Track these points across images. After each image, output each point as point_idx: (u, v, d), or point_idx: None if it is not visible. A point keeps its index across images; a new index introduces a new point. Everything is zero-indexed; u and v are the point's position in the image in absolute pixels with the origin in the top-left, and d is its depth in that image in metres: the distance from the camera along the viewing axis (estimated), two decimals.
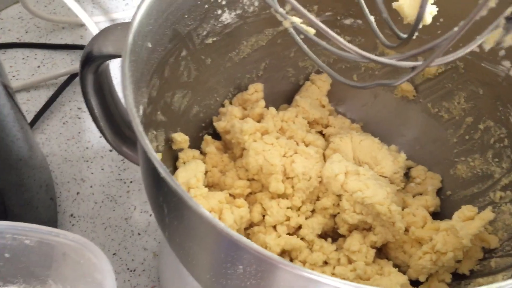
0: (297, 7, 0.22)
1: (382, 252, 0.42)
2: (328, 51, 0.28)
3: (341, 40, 0.23)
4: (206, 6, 0.41)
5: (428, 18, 0.26)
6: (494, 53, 0.41)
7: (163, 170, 0.26)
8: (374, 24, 0.29)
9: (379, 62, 0.25)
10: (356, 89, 0.49)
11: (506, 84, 0.41)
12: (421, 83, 0.47)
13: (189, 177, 0.39)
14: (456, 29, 0.23)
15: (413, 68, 0.25)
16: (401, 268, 0.41)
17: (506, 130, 0.41)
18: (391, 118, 0.49)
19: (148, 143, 0.27)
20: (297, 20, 0.27)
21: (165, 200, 0.29)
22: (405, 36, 0.25)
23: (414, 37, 0.26)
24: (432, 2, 0.30)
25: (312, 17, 0.22)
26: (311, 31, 0.27)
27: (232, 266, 0.27)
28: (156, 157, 0.27)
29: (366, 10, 0.30)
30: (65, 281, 0.34)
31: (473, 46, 0.24)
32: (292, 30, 0.28)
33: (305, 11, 0.23)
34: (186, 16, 0.40)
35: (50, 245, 0.32)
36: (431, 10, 0.29)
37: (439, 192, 0.46)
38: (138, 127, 0.28)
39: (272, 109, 0.46)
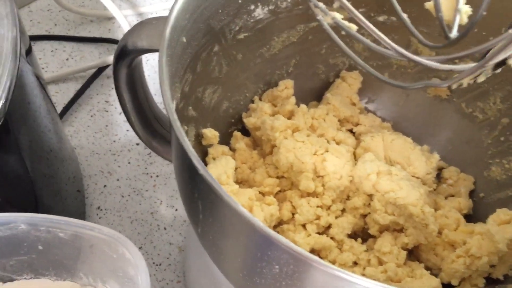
0: (344, 3, 0.21)
1: (413, 254, 0.42)
2: (371, 49, 0.27)
3: (385, 38, 0.23)
4: (240, 1, 0.41)
5: (464, 18, 0.25)
6: None
7: (201, 167, 0.26)
8: (409, 22, 0.28)
9: (420, 63, 0.24)
10: (386, 84, 0.48)
11: None
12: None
13: (220, 173, 0.39)
14: (511, 31, 0.22)
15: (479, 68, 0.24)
16: (432, 271, 0.40)
17: None
18: (423, 118, 0.49)
19: (187, 140, 0.27)
20: (338, 15, 0.26)
21: (201, 197, 0.29)
22: (455, 36, 0.25)
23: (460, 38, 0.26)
24: (466, 1, 0.29)
25: (358, 13, 0.22)
26: (353, 27, 0.26)
27: (268, 265, 0.26)
28: (194, 154, 0.26)
29: (399, 9, 0.29)
30: (96, 275, 0.34)
31: None
32: (327, 27, 0.28)
33: (351, 7, 0.22)
34: (220, 11, 0.40)
35: (83, 239, 0.32)
36: (465, 10, 0.28)
37: (471, 194, 0.45)
38: (176, 123, 0.28)
39: (303, 106, 0.45)
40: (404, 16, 0.30)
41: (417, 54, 0.46)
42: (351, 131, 0.48)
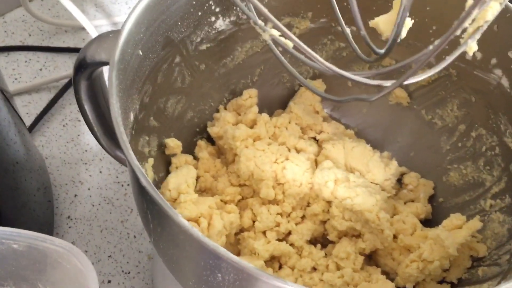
0: (277, 24, 0.22)
1: (371, 259, 0.43)
2: (304, 64, 0.28)
3: (314, 54, 0.23)
4: (200, 13, 0.42)
5: (403, 33, 0.26)
6: (486, 61, 0.41)
7: (144, 179, 0.27)
8: (350, 37, 0.29)
9: (348, 78, 0.25)
10: (349, 92, 0.49)
11: (497, 92, 0.41)
12: (415, 90, 0.47)
13: (180, 182, 0.39)
14: (431, 47, 0.23)
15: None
16: (391, 275, 0.41)
17: (497, 138, 0.41)
18: (386, 124, 0.50)
19: (131, 152, 0.28)
20: (275, 32, 0.27)
21: (149, 207, 0.29)
22: (382, 51, 0.26)
23: (392, 52, 0.27)
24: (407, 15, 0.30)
25: (287, 31, 0.22)
26: (289, 43, 0.27)
27: (212, 274, 0.27)
28: (138, 165, 0.27)
29: (343, 24, 0.30)
30: (54, 285, 0.35)
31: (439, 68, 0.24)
32: (270, 42, 0.29)
33: (282, 27, 0.23)
34: (179, 23, 0.41)
35: (38, 250, 0.32)
36: (405, 23, 0.29)
37: (431, 199, 0.46)
38: (122, 136, 0.28)
39: (264, 115, 0.46)
40: (347, 30, 0.31)
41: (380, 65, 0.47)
42: (314, 138, 0.49)
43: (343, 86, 0.50)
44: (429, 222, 0.45)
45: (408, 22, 0.29)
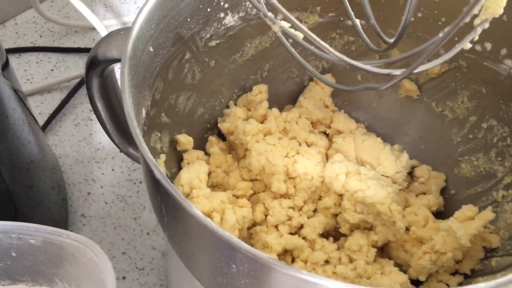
0: (287, 15, 0.22)
1: (384, 251, 0.43)
2: (315, 55, 0.28)
3: (325, 44, 0.24)
4: (209, 9, 0.42)
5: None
6: (496, 51, 0.41)
7: (158, 172, 0.27)
8: (359, 27, 0.30)
9: (358, 67, 0.25)
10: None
11: (508, 83, 0.40)
12: (425, 83, 0.47)
13: (192, 177, 0.40)
14: (441, 35, 0.23)
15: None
16: (403, 267, 0.41)
17: (508, 129, 0.41)
18: (396, 118, 0.50)
19: (145, 146, 0.28)
20: (285, 24, 0.27)
21: (163, 201, 0.30)
22: (391, 40, 0.26)
23: (402, 40, 0.27)
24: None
25: (297, 22, 0.23)
26: (300, 35, 0.27)
27: (226, 265, 0.27)
28: (152, 159, 0.28)
29: (352, 13, 0.30)
30: (71, 280, 0.35)
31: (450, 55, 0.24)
32: (280, 34, 0.29)
33: (292, 18, 0.23)
34: (189, 19, 0.41)
35: (55, 245, 0.33)
36: None
37: (443, 191, 0.46)
38: (135, 130, 0.29)
39: (275, 110, 0.46)
40: (357, 22, 0.31)
41: (389, 57, 0.47)
42: (325, 133, 0.49)
43: (352, 80, 0.50)
44: (441, 214, 0.45)
45: None
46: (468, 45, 0.26)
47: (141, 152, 0.28)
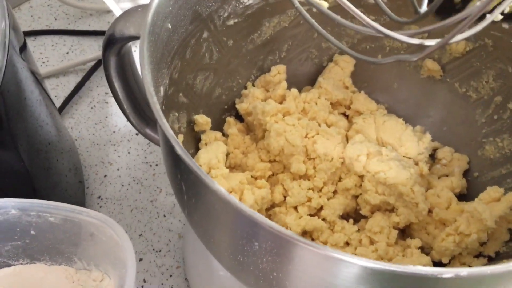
0: None
1: (405, 233, 0.42)
2: (342, 25, 0.27)
3: (356, 10, 0.23)
4: None
5: None
6: None
7: (179, 148, 0.26)
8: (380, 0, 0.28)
9: (390, 37, 0.24)
10: (379, 67, 0.48)
11: None
12: (448, 62, 0.46)
13: (210, 158, 0.39)
14: (478, 3, 0.22)
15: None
16: (425, 249, 0.40)
17: None
18: (417, 99, 0.48)
19: (165, 122, 0.28)
20: None
21: (183, 178, 0.29)
22: (424, 10, 0.25)
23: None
24: None
25: None
26: (324, 4, 0.26)
27: (248, 242, 0.27)
28: (173, 135, 0.27)
29: None
30: (90, 259, 0.35)
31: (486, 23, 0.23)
32: (299, 5, 0.28)
33: None
34: None
35: (74, 223, 0.32)
36: None
37: (466, 173, 0.45)
38: (155, 105, 0.28)
39: (294, 90, 0.45)
40: None
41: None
42: (344, 114, 0.48)
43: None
44: (463, 197, 0.44)
45: None
46: (499, 17, 0.25)
47: (162, 128, 0.27)
